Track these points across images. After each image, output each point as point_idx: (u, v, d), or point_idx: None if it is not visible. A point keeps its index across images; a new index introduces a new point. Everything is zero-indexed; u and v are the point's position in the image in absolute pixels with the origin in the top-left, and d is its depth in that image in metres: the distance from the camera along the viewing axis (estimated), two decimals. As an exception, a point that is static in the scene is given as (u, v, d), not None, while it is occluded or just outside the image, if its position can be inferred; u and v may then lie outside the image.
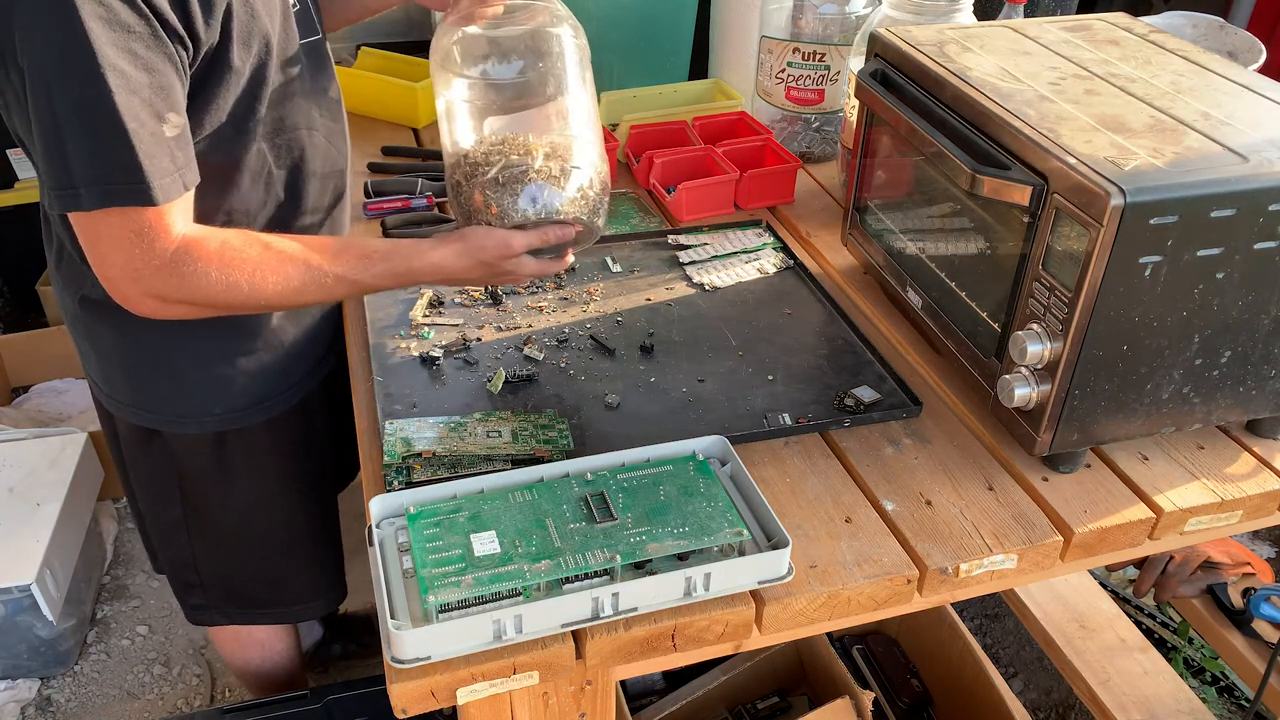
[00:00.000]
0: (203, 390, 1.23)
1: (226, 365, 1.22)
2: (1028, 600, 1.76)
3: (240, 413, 1.25)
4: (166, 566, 1.45)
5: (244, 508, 1.37)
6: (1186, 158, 0.90)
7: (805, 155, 1.63)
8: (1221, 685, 2.01)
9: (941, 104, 1.06)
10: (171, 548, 1.41)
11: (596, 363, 1.16)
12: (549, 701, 0.90)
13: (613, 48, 1.69)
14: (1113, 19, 1.23)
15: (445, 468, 0.98)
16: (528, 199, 1.04)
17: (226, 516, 1.37)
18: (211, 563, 1.42)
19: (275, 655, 1.67)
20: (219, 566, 1.43)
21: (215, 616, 1.49)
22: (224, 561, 1.43)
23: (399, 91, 1.72)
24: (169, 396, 1.24)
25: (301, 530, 1.44)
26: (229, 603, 1.47)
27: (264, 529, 1.40)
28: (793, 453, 1.05)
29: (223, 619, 1.49)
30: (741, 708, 1.68)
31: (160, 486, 1.35)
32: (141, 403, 1.25)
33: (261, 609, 1.49)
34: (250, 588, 1.46)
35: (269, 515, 1.39)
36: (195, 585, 1.44)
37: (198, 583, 1.44)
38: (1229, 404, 1.00)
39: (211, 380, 1.22)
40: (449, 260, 1.03)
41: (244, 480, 1.34)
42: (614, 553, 0.84)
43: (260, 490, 1.36)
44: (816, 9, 1.50)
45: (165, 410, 1.25)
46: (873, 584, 0.90)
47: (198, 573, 1.43)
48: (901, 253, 1.20)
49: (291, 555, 1.45)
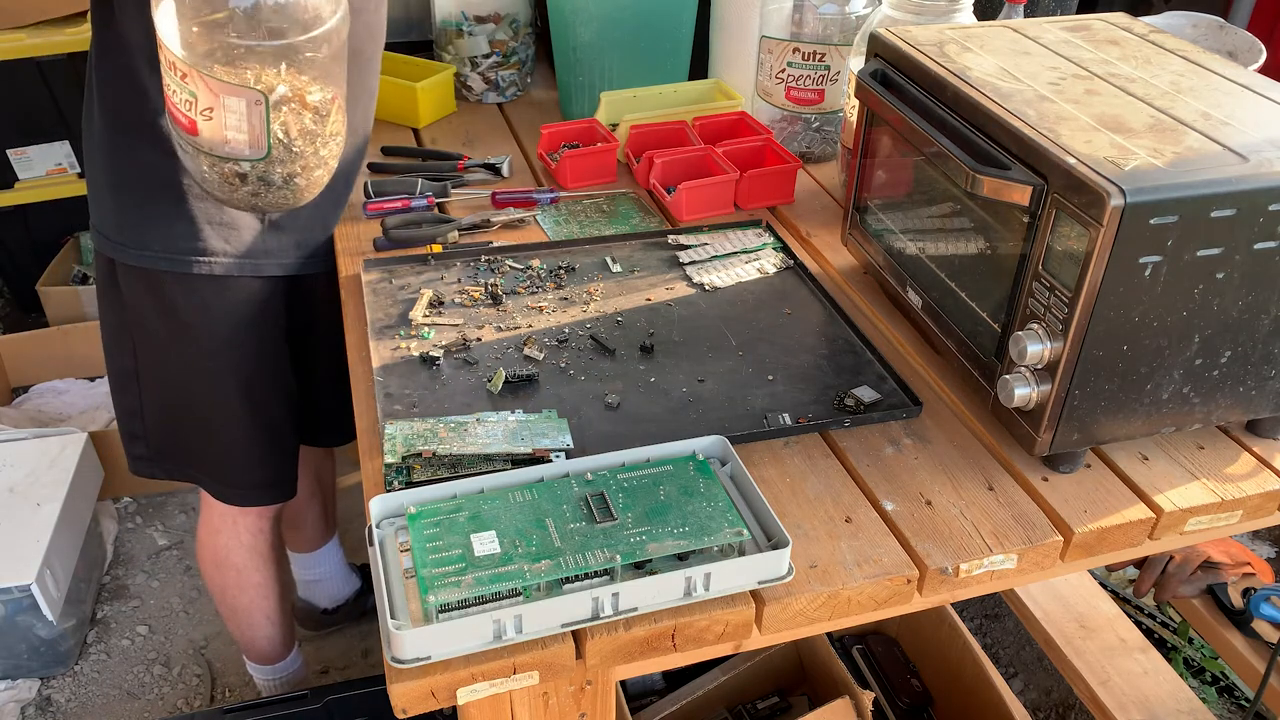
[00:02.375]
0: (147, 220, 1.29)
1: (167, 200, 1.28)
2: (1028, 600, 1.76)
3: (177, 257, 1.30)
4: (118, 414, 1.51)
5: (187, 367, 1.41)
6: (1186, 158, 0.90)
7: (805, 155, 1.63)
8: (1221, 685, 2.01)
9: (941, 104, 1.06)
10: (122, 394, 1.47)
11: (596, 363, 1.16)
12: (549, 701, 0.90)
13: (613, 48, 1.69)
14: (1113, 19, 1.23)
15: (445, 468, 0.98)
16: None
17: (172, 372, 1.43)
18: (157, 415, 1.47)
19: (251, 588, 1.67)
20: (164, 420, 1.48)
21: (155, 470, 1.53)
22: (169, 416, 1.48)
23: (399, 91, 1.72)
24: (117, 221, 1.31)
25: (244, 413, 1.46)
26: (168, 458, 1.52)
27: (206, 396, 1.44)
28: (793, 453, 1.05)
29: (161, 473, 1.54)
30: (741, 708, 1.69)
31: (115, 325, 1.42)
32: (102, 225, 1.33)
33: (199, 469, 1.53)
34: (191, 448, 1.50)
35: (212, 384, 1.42)
36: (140, 435, 1.50)
37: (142, 433, 1.49)
38: (1229, 404, 1.00)
39: (157, 212, 1.28)
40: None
41: (180, 333, 1.38)
42: (614, 553, 0.84)
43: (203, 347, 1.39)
44: (816, 9, 1.50)
45: (118, 236, 1.31)
46: (873, 584, 0.90)
47: (143, 422, 1.48)
48: (901, 253, 1.20)
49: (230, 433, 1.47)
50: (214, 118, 0.94)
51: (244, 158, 0.97)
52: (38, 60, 2.45)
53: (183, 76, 0.93)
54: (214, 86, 0.93)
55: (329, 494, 1.92)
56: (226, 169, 0.98)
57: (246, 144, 0.97)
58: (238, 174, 0.98)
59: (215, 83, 0.92)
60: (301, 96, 0.96)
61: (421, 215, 1.43)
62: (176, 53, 0.92)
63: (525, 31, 1.83)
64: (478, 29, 1.78)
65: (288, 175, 1.01)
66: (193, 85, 0.93)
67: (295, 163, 1.00)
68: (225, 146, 0.96)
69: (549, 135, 1.58)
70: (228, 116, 0.95)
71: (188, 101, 0.94)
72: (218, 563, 1.64)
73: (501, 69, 1.83)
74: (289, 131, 0.97)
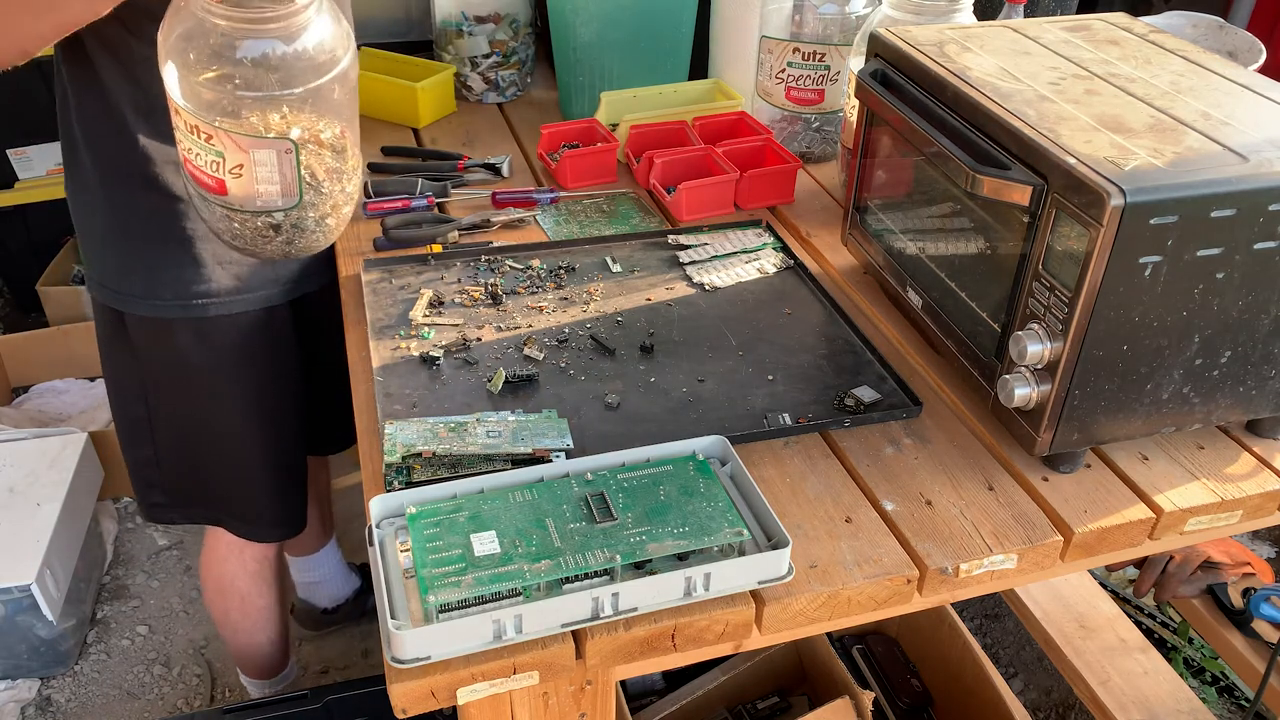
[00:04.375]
0: (155, 269, 1.27)
1: (173, 247, 1.26)
2: (1028, 600, 1.76)
3: (191, 302, 1.29)
4: (130, 466, 1.49)
5: (203, 412, 1.40)
6: (1186, 158, 0.90)
7: (805, 155, 1.63)
8: (1221, 685, 2.01)
9: (941, 104, 1.06)
10: (135, 444, 1.45)
11: (596, 363, 1.16)
12: (549, 701, 0.90)
13: (613, 48, 1.69)
14: (1112, 19, 1.23)
15: (445, 468, 0.98)
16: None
17: (187, 418, 1.41)
18: (173, 462, 1.46)
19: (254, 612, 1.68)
20: (180, 466, 1.46)
21: (174, 515, 1.52)
22: (186, 462, 1.46)
23: (399, 91, 1.72)
24: (124, 273, 1.29)
25: (259, 450, 1.46)
26: (190, 502, 1.50)
27: (222, 439, 1.43)
28: (793, 453, 1.05)
29: (182, 518, 1.52)
30: (741, 708, 1.69)
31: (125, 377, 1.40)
32: (105, 278, 1.31)
33: (221, 510, 1.52)
34: (208, 491, 1.49)
35: (228, 425, 1.41)
36: (156, 484, 1.48)
37: (159, 481, 1.48)
38: (1229, 404, 1.00)
39: (163, 260, 1.27)
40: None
41: (201, 382, 1.37)
42: (614, 553, 0.84)
43: (217, 396, 1.38)
44: (816, 9, 1.50)
45: (125, 288, 1.30)
46: (873, 584, 0.90)
47: (160, 470, 1.46)
48: (901, 253, 1.20)
49: (247, 471, 1.47)
50: (244, 174, 0.93)
51: (277, 208, 0.96)
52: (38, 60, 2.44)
53: (207, 138, 0.92)
54: (243, 143, 0.92)
55: (325, 498, 1.93)
56: (260, 222, 0.97)
57: (279, 194, 0.96)
58: (271, 225, 0.98)
59: (244, 139, 0.91)
60: (319, 137, 0.95)
61: (421, 215, 1.43)
62: (199, 115, 0.91)
63: (525, 31, 1.83)
64: (478, 29, 1.78)
65: (320, 217, 1.00)
66: (219, 145, 0.92)
67: (325, 203, 0.99)
68: (258, 200, 0.95)
69: (549, 135, 1.58)
70: (258, 170, 0.94)
71: (214, 162, 0.93)
72: (222, 589, 1.64)
73: (501, 69, 1.83)
74: (315, 174, 0.97)
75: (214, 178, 0.94)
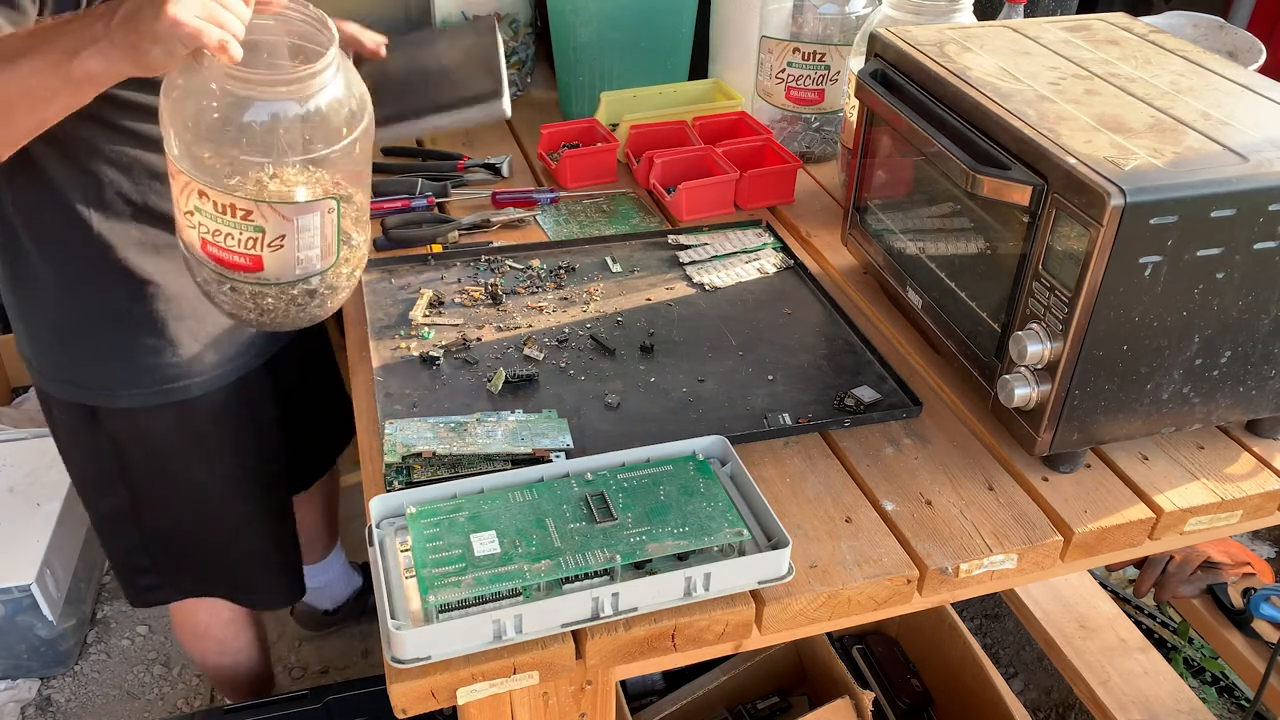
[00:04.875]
0: (131, 360, 1.21)
1: (153, 333, 1.20)
2: (1028, 600, 1.76)
3: (173, 385, 1.24)
4: (112, 554, 1.43)
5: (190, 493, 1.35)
6: (1186, 158, 0.90)
7: (805, 155, 1.63)
8: (1221, 685, 2.01)
9: (941, 104, 1.06)
10: (116, 535, 1.40)
11: (596, 363, 1.16)
12: (549, 701, 0.90)
13: (613, 48, 1.69)
14: (1112, 19, 1.23)
15: (445, 468, 0.98)
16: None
17: (173, 501, 1.36)
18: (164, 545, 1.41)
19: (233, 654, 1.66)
20: (172, 547, 1.41)
21: (170, 595, 1.47)
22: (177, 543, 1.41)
23: (399, 91, 1.72)
24: (97, 368, 1.22)
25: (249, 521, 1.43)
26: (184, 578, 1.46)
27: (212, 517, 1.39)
28: (793, 453, 1.05)
29: (178, 594, 1.48)
30: (741, 708, 1.68)
31: (98, 471, 1.33)
32: (73, 376, 1.23)
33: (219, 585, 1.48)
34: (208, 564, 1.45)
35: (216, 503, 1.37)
36: (146, 568, 1.43)
37: (149, 565, 1.43)
38: (1229, 404, 1.00)
39: (139, 349, 1.21)
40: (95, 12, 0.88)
41: (186, 464, 1.32)
42: (614, 553, 0.84)
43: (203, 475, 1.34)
44: (816, 9, 1.50)
45: (97, 382, 1.23)
46: (873, 584, 0.90)
47: (149, 555, 1.41)
48: (901, 253, 1.20)
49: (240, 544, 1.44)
50: (285, 244, 0.89)
51: (315, 272, 0.92)
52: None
53: (244, 215, 0.87)
54: (288, 212, 0.87)
55: (333, 506, 1.93)
56: (297, 291, 0.93)
57: (319, 257, 0.92)
58: (308, 292, 0.93)
59: (288, 208, 0.87)
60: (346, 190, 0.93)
61: (421, 215, 1.43)
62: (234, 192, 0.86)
63: (525, 31, 1.83)
64: (478, 29, 1.78)
65: (351, 271, 0.97)
66: (259, 219, 0.87)
67: (356, 255, 0.97)
68: (297, 269, 0.91)
69: (549, 135, 1.58)
70: (300, 237, 0.89)
71: (250, 240, 0.88)
72: (197, 634, 1.61)
73: (501, 69, 1.83)
74: (347, 228, 0.94)
75: (249, 255, 0.89)
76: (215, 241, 0.89)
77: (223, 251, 0.89)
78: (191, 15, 0.81)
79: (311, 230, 0.90)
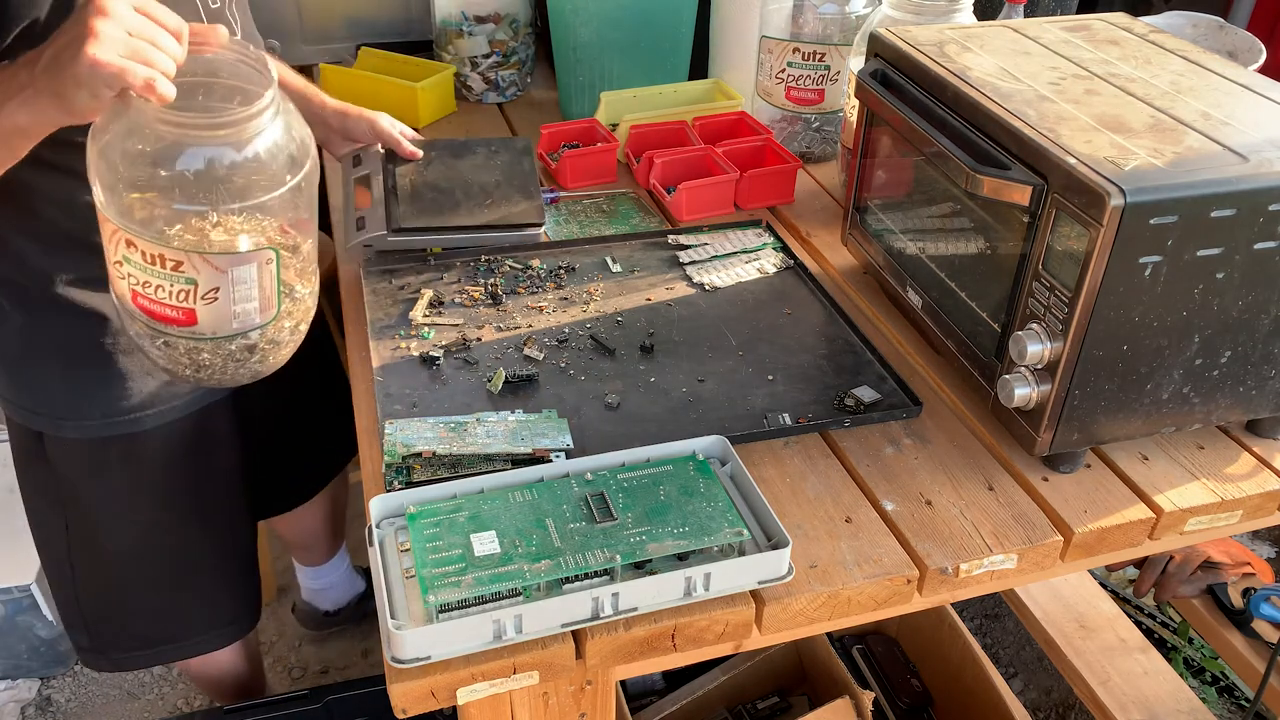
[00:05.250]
0: (77, 389, 1.15)
1: (98, 364, 1.14)
2: (1028, 600, 1.76)
3: (121, 418, 1.17)
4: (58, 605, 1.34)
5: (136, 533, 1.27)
6: (1186, 158, 0.90)
7: (805, 155, 1.63)
8: (1221, 685, 2.01)
9: (941, 104, 1.06)
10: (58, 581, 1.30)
11: (596, 363, 1.16)
12: (549, 701, 0.90)
13: (613, 48, 1.69)
14: (1112, 19, 1.23)
15: (445, 468, 0.98)
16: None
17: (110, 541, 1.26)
18: (94, 598, 1.31)
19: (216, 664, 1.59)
20: (102, 602, 1.32)
21: (102, 662, 1.37)
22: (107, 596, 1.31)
23: (399, 91, 1.72)
24: (43, 393, 1.16)
25: (196, 560, 1.34)
26: (115, 646, 1.35)
27: (153, 558, 1.30)
28: (793, 453, 1.05)
29: (109, 665, 1.38)
30: (741, 708, 1.68)
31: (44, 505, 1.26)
32: (20, 398, 1.17)
33: (151, 648, 1.39)
34: (137, 626, 1.35)
35: (159, 541, 1.29)
36: (79, 625, 1.33)
37: (80, 623, 1.33)
38: (1229, 404, 1.00)
39: (85, 379, 1.14)
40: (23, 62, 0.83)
41: (129, 498, 1.24)
42: (614, 553, 0.84)
43: (147, 512, 1.26)
44: (816, 9, 1.50)
45: (44, 409, 1.16)
46: (873, 584, 0.90)
47: (80, 610, 1.31)
48: (901, 253, 1.20)
49: (183, 587, 1.35)
50: (219, 297, 0.84)
51: (254, 326, 0.88)
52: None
53: (174, 266, 0.82)
54: (220, 263, 0.82)
55: (340, 512, 1.92)
56: (234, 346, 0.88)
57: (258, 310, 0.87)
58: (247, 347, 0.89)
59: (221, 259, 0.82)
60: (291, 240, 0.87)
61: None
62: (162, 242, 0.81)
63: (525, 31, 1.83)
64: (478, 29, 1.78)
65: (295, 325, 0.92)
66: (190, 271, 0.82)
67: (299, 308, 0.92)
68: (233, 323, 0.86)
69: (549, 135, 1.58)
70: (236, 290, 0.84)
71: (182, 292, 0.83)
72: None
73: (501, 69, 1.83)
74: (289, 280, 0.89)
75: (180, 309, 0.84)
76: (145, 293, 0.84)
77: (154, 304, 0.85)
78: (113, 55, 0.76)
79: (248, 282, 0.85)
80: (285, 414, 1.51)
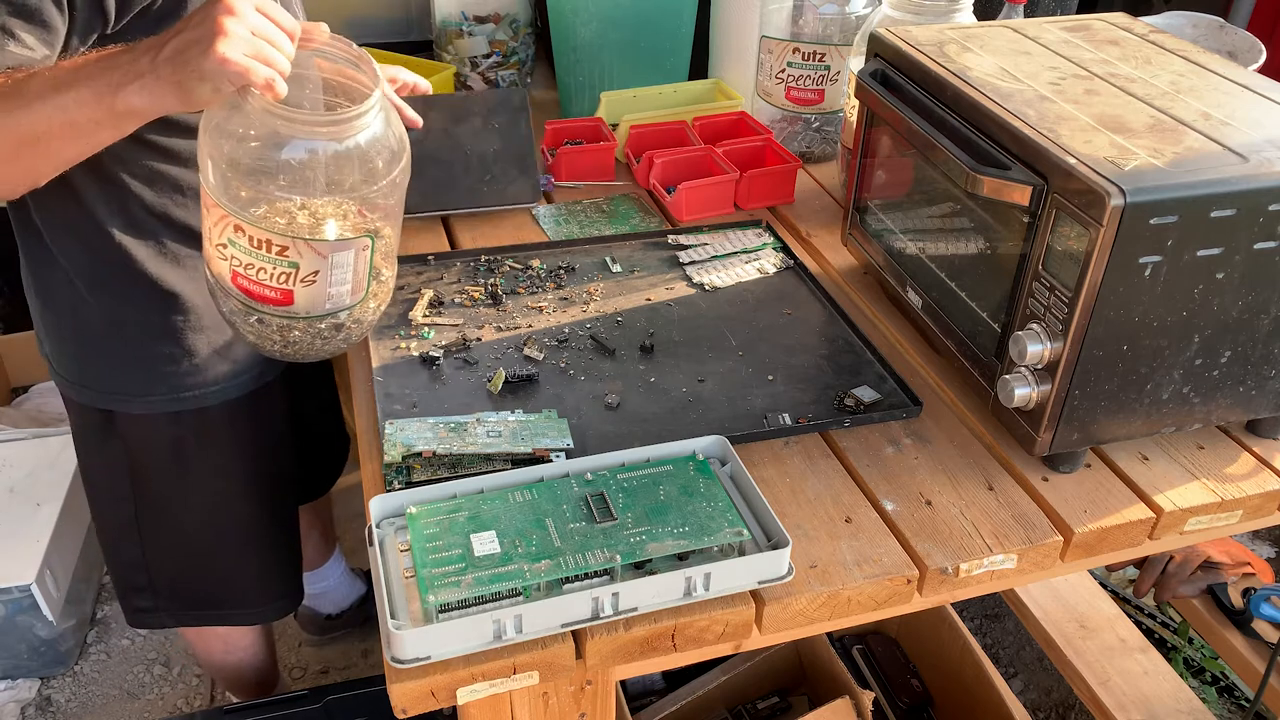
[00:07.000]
0: (148, 367, 1.21)
1: (170, 342, 1.20)
2: (1028, 600, 1.76)
3: (190, 394, 1.24)
4: (113, 568, 1.42)
5: (200, 502, 1.34)
6: (1186, 158, 0.90)
7: (805, 155, 1.63)
8: (1221, 685, 2.01)
9: (941, 104, 1.06)
10: (119, 548, 1.38)
11: (596, 363, 1.16)
12: (549, 701, 0.90)
13: (613, 48, 1.69)
14: (1112, 19, 1.23)
15: (445, 468, 0.98)
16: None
17: (181, 512, 1.35)
18: (163, 563, 1.39)
19: (239, 651, 1.66)
20: (171, 567, 1.40)
21: (163, 619, 1.45)
22: (177, 561, 1.39)
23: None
24: (114, 373, 1.22)
25: (257, 531, 1.42)
26: (177, 604, 1.44)
27: (220, 527, 1.38)
28: (793, 453, 1.05)
29: (171, 621, 1.46)
30: (741, 708, 1.68)
31: (112, 479, 1.32)
32: (89, 380, 1.24)
33: (210, 610, 1.47)
34: (201, 588, 1.43)
35: (225, 512, 1.37)
36: (144, 588, 1.41)
37: (146, 584, 1.41)
38: (1229, 404, 1.00)
39: (156, 357, 1.21)
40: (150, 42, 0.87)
41: (199, 472, 1.31)
42: (614, 553, 0.84)
43: (215, 484, 1.33)
44: (816, 9, 1.50)
45: (110, 388, 1.23)
46: (873, 584, 0.90)
47: (148, 573, 1.39)
48: (901, 253, 1.20)
49: (245, 556, 1.42)
50: (317, 280, 0.90)
51: (344, 307, 0.94)
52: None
53: (280, 251, 0.88)
54: (323, 249, 0.89)
55: (326, 517, 1.93)
56: (324, 325, 0.94)
57: (349, 292, 0.93)
58: (335, 326, 0.95)
59: (324, 245, 0.88)
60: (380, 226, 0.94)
61: (421, 215, 1.43)
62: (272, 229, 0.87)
63: (525, 31, 1.83)
64: (478, 29, 1.78)
65: (378, 305, 0.99)
66: (294, 256, 0.88)
67: (384, 290, 0.98)
68: (326, 304, 0.92)
69: (553, 131, 1.58)
70: (334, 274, 0.91)
71: (284, 274, 0.89)
72: (203, 632, 1.61)
73: (501, 69, 1.83)
74: (378, 264, 0.95)
75: (280, 289, 0.90)
76: (247, 275, 0.90)
77: (254, 285, 0.90)
78: (240, 54, 0.81)
79: (345, 266, 0.91)
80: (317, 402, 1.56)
